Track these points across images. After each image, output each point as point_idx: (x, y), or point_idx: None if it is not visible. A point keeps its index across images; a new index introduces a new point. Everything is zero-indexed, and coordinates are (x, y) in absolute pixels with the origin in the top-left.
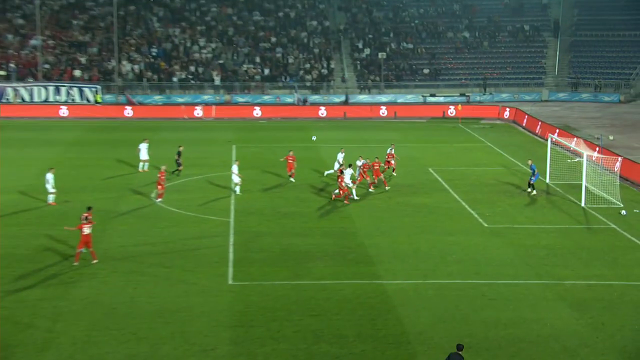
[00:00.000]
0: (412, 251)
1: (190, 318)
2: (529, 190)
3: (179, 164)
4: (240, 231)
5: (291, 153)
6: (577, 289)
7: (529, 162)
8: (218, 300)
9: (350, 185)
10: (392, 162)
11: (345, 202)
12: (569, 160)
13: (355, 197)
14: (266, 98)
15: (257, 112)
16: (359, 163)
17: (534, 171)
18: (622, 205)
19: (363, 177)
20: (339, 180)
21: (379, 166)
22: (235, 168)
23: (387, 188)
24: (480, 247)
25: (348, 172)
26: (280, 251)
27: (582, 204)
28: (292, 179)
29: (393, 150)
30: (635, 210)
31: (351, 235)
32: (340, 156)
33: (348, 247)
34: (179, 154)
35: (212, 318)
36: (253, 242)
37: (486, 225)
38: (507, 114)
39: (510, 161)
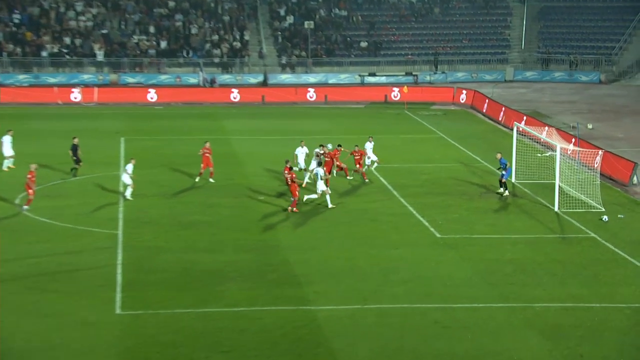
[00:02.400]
0: (348, 269)
1: (66, 358)
2: (501, 190)
3: (76, 160)
4: (131, 246)
5: (207, 145)
6: (550, 313)
7: (498, 155)
8: (103, 335)
9: (324, 189)
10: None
11: (295, 209)
12: (539, 155)
13: (330, 205)
14: (163, 78)
15: (151, 95)
16: (318, 151)
17: (504, 166)
18: (603, 210)
19: (331, 169)
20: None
21: (361, 156)
22: (130, 168)
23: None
24: (432, 263)
25: (319, 172)
26: (182, 271)
27: (556, 208)
28: (210, 179)
29: (370, 145)
30: (619, 216)
31: (273, 249)
32: (301, 152)
33: (269, 265)
34: (74, 148)
35: (95, 357)
36: (148, 260)
37: (439, 235)
38: (463, 97)
39: (468, 156)
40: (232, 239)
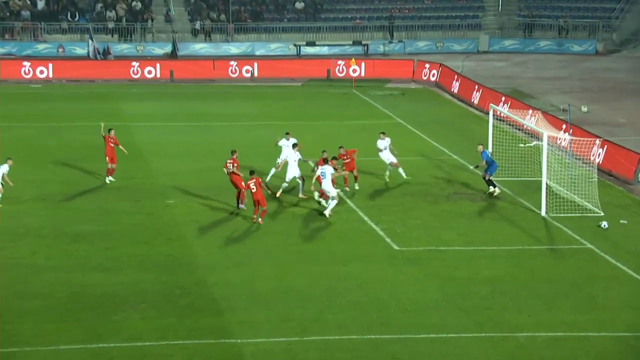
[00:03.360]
0: (282, 291)
1: None
2: (491, 190)
3: None
4: (1, 265)
5: (112, 133)
6: (537, 345)
7: (480, 148)
8: None
9: (333, 194)
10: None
11: (259, 221)
12: (521, 145)
13: (327, 214)
14: (41, 48)
15: (26, 70)
16: (342, 152)
17: (488, 160)
18: (602, 214)
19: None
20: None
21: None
22: (5, 168)
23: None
24: (389, 283)
25: (328, 171)
26: (69, 296)
27: (543, 213)
28: (108, 178)
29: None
30: (622, 221)
31: (186, 267)
32: (286, 144)
33: (181, 287)
34: None
35: None
36: (24, 282)
37: (397, 247)
38: (426, 73)
39: (433, 147)
40: (134, 254)
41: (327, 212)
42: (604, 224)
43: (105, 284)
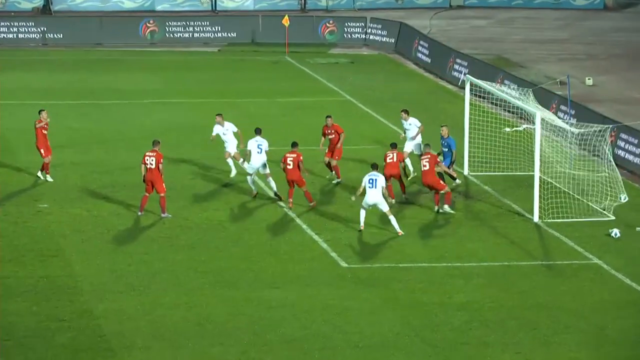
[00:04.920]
0: (194, 323)
1: None
2: (458, 182)
3: None
4: None
5: (44, 115)
6: None
7: (444, 131)
8: None
9: (385, 208)
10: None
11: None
12: (506, 130)
13: (400, 230)
14: None
15: None
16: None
17: (449, 149)
18: (612, 219)
19: None
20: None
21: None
22: None
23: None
24: (335, 310)
25: (380, 180)
26: None
27: (535, 218)
28: (42, 176)
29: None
30: (638, 229)
31: (65, 293)
32: (222, 131)
33: (59, 319)
34: None
35: None
36: None
37: (345, 264)
38: (382, 35)
39: (392, 132)
40: None
41: (398, 231)
42: (615, 232)
43: None
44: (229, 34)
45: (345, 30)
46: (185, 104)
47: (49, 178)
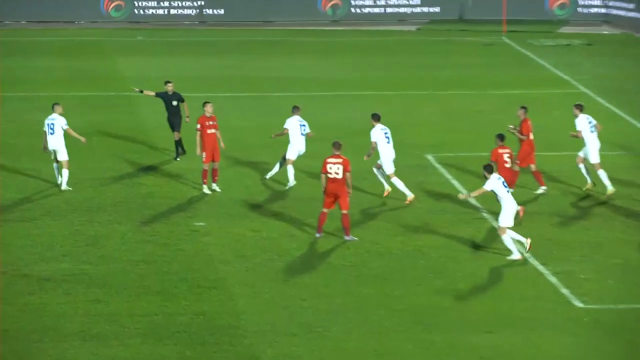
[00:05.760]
0: None
1: None
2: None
3: None
4: None
5: (209, 108)
6: None
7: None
8: None
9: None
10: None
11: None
12: None
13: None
14: None
15: None
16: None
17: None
18: None
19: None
20: None
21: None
22: None
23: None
24: None
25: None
26: None
27: None
28: (214, 185)
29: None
30: None
31: (228, 334)
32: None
33: None
34: None
35: None
36: None
37: (581, 304)
38: (629, 9)
39: None
40: (138, 312)
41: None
42: None
43: None
44: (430, 9)
45: (579, 2)
46: (372, 97)
47: (215, 187)
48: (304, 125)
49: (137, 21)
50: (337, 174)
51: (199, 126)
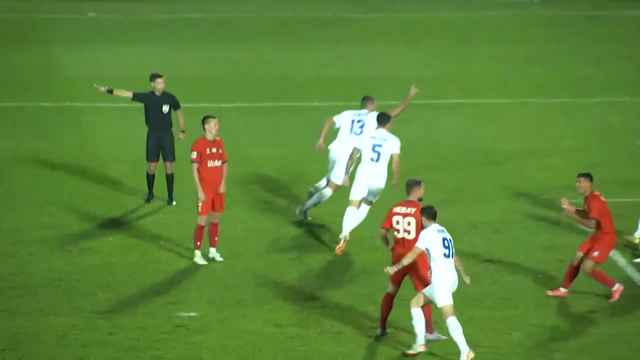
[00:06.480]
0: None
1: None
2: None
3: None
4: None
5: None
6: None
7: None
8: None
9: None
10: None
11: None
12: None
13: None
14: None
15: None
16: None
17: None
18: None
19: None
20: None
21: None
22: None
23: None
24: None
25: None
26: None
27: None
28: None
29: None
30: None
31: None
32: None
33: None
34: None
35: None
36: None
37: None
38: None
39: None
40: None
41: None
42: None
43: None
44: None
45: None
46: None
47: (215, 255)
48: (361, 123)
49: None
50: (406, 232)
51: (194, 155)
